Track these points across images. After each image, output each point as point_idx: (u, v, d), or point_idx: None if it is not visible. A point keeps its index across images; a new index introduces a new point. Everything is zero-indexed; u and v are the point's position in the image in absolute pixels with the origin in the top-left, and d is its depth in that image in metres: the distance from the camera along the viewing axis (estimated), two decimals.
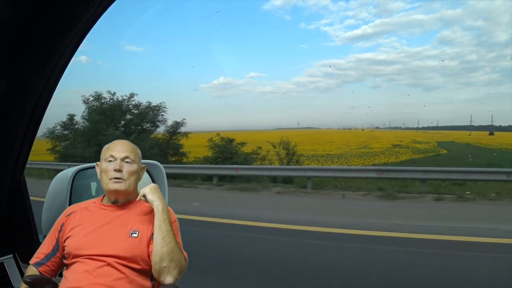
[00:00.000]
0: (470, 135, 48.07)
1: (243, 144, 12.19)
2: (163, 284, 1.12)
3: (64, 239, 1.18)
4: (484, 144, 31.70)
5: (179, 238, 1.20)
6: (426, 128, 69.28)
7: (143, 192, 1.19)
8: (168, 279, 1.10)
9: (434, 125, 61.92)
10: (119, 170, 1.20)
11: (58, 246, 1.19)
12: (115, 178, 1.19)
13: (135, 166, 1.24)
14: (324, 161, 19.92)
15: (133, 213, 1.22)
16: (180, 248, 1.16)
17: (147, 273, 1.15)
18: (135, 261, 1.13)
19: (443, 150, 27.83)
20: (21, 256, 1.31)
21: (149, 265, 1.14)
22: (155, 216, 1.16)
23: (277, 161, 11.63)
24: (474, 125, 54.46)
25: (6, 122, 1.12)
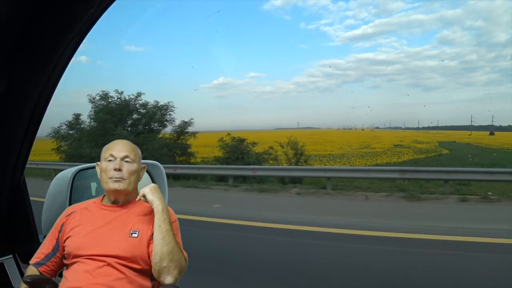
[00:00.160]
0: (470, 135, 47.96)
1: (254, 144, 11.92)
2: (163, 284, 1.12)
3: (64, 239, 1.18)
4: (486, 144, 31.52)
5: (179, 238, 1.20)
6: (426, 128, 69.22)
7: (143, 192, 1.19)
8: (168, 279, 1.10)
9: (434, 125, 61.77)
10: (119, 170, 1.20)
11: (58, 246, 1.19)
12: (115, 178, 1.19)
13: (135, 166, 1.24)
14: (326, 161, 19.80)
15: (133, 213, 1.22)
16: (180, 248, 1.16)
17: (147, 273, 1.15)
18: (135, 261, 1.13)
19: (445, 150, 27.66)
20: (21, 256, 1.31)
21: (149, 265, 1.14)
22: (155, 216, 1.16)
23: (285, 161, 11.41)
24: (474, 125, 54.42)
25: (6, 122, 1.12)
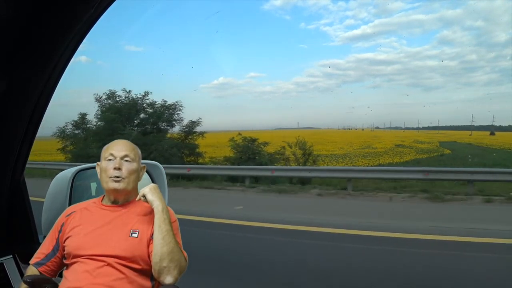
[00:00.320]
0: (471, 135, 47.89)
1: (266, 144, 11.74)
2: (163, 284, 1.12)
3: (64, 239, 1.18)
4: (487, 144, 31.44)
5: (179, 238, 1.20)
6: (427, 128, 69.16)
7: (143, 192, 1.19)
8: (168, 279, 1.10)
9: (435, 125, 61.78)
10: (118, 169, 1.20)
11: (58, 246, 1.19)
12: (114, 177, 1.19)
13: (134, 165, 1.24)
14: (329, 161, 19.61)
15: (133, 213, 1.22)
16: (180, 248, 1.16)
17: (147, 273, 1.15)
18: (135, 261, 1.13)
19: (446, 150, 27.57)
20: (21, 257, 1.31)
21: (149, 265, 1.14)
22: (155, 216, 1.16)
23: (293, 162, 11.27)
24: (475, 125, 54.36)
25: (6, 122, 1.12)
